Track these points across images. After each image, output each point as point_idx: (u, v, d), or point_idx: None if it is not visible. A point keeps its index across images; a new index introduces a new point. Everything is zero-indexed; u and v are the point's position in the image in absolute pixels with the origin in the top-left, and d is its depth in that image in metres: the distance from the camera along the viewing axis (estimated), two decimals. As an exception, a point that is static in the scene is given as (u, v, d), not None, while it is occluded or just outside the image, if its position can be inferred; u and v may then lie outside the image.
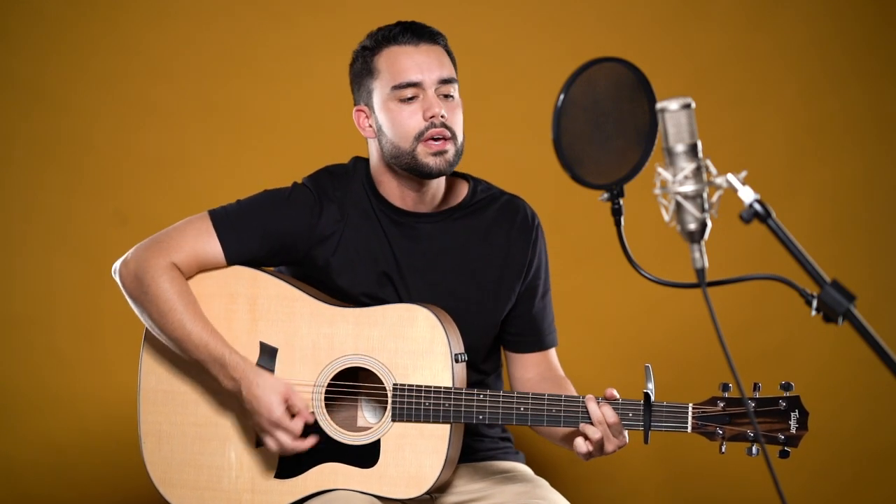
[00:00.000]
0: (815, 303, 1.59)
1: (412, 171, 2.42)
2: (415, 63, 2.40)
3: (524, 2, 3.62)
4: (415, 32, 2.42)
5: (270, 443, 2.36)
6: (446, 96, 2.42)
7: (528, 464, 2.63)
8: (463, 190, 2.55)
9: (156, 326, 2.42)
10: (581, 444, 2.29)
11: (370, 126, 2.46)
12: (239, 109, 3.54)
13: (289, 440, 2.35)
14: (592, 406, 2.28)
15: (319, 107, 3.52)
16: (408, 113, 2.39)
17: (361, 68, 2.46)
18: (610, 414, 2.27)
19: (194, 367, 2.46)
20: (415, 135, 2.39)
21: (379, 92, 2.43)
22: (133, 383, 2.51)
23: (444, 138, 2.39)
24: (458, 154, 2.42)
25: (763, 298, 3.53)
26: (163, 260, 2.41)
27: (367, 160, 2.54)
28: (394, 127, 2.41)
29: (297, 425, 2.35)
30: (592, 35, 3.59)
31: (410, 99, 2.40)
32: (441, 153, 2.39)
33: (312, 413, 2.38)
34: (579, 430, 2.30)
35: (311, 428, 2.38)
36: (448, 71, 2.42)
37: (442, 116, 2.38)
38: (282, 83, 3.55)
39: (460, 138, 2.42)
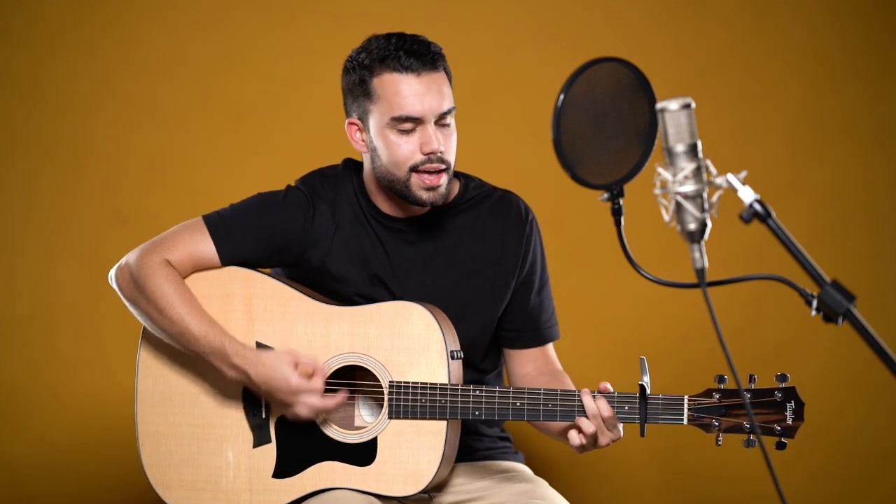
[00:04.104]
0: (815, 303, 1.59)
1: (405, 199, 2.42)
2: (416, 96, 2.35)
3: (524, 2, 3.62)
4: (417, 57, 2.36)
5: (301, 410, 2.35)
6: (444, 125, 2.39)
7: (527, 463, 2.63)
8: (454, 188, 2.53)
9: (155, 325, 2.42)
10: (575, 437, 2.30)
11: (363, 141, 2.45)
12: (239, 109, 3.54)
13: (316, 400, 2.34)
14: (587, 399, 2.28)
15: (320, 107, 3.52)
16: (405, 142, 2.37)
17: (357, 85, 2.41)
18: (605, 407, 2.27)
19: (191, 367, 2.47)
20: (410, 165, 2.38)
21: (376, 117, 2.39)
22: (133, 383, 2.51)
23: (439, 171, 2.38)
24: (450, 181, 2.42)
25: (763, 298, 3.53)
26: (157, 257, 2.41)
27: (358, 163, 2.54)
28: (390, 155, 2.39)
29: (318, 383, 2.34)
30: (592, 35, 3.59)
31: (409, 130, 2.38)
32: (434, 188, 2.39)
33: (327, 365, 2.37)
34: (574, 423, 2.30)
35: (302, 430, 2.38)
36: (448, 102, 2.39)
37: (441, 152, 2.37)
38: (282, 84, 3.55)
39: (453, 165, 2.42)
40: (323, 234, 2.47)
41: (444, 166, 2.38)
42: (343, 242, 2.47)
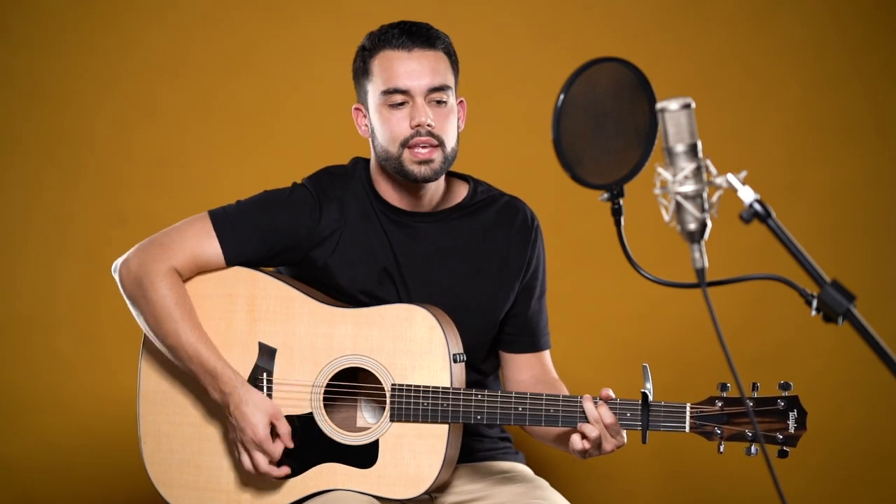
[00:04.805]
0: (815, 303, 1.59)
1: (400, 175, 2.42)
2: (405, 70, 2.39)
3: (524, 2, 3.62)
4: (410, 36, 2.41)
5: (245, 460, 2.37)
6: (438, 102, 2.40)
7: (527, 464, 2.63)
8: (462, 191, 2.55)
9: (150, 330, 2.42)
10: (577, 442, 2.29)
11: (366, 125, 2.47)
12: (239, 109, 3.54)
13: (264, 463, 2.36)
14: (589, 406, 2.28)
15: (320, 107, 3.52)
16: (396, 119, 2.39)
17: (360, 68, 2.46)
18: (607, 415, 2.27)
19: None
20: (401, 141, 2.39)
21: (372, 94, 2.43)
22: (133, 383, 2.51)
23: (431, 146, 2.39)
24: (447, 160, 2.41)
25: (763, 298, 3.53)
26: (163, 265, 2.41)
27: (367, 160, 2.55)
28: (383, 131, 2.41)
29: (277, 449, 2.36)
30: (592, 35, 3.59)
31: (400, 104, 2.39)
32: (427, 161, 2.39)
33: (295, 439, 2.38)
34: (577, 429, 2.30)
35: (304, 432, 2.38)
36: (440, 78, 2.40)
37: (429, 125, 2.37)
38: (282, 83, 3.55)
39: (450, 145, 2.41)
40: (329, 233, 2.47)
41: (435, 142, 2.39)
42: (350, 239, 2.47)
